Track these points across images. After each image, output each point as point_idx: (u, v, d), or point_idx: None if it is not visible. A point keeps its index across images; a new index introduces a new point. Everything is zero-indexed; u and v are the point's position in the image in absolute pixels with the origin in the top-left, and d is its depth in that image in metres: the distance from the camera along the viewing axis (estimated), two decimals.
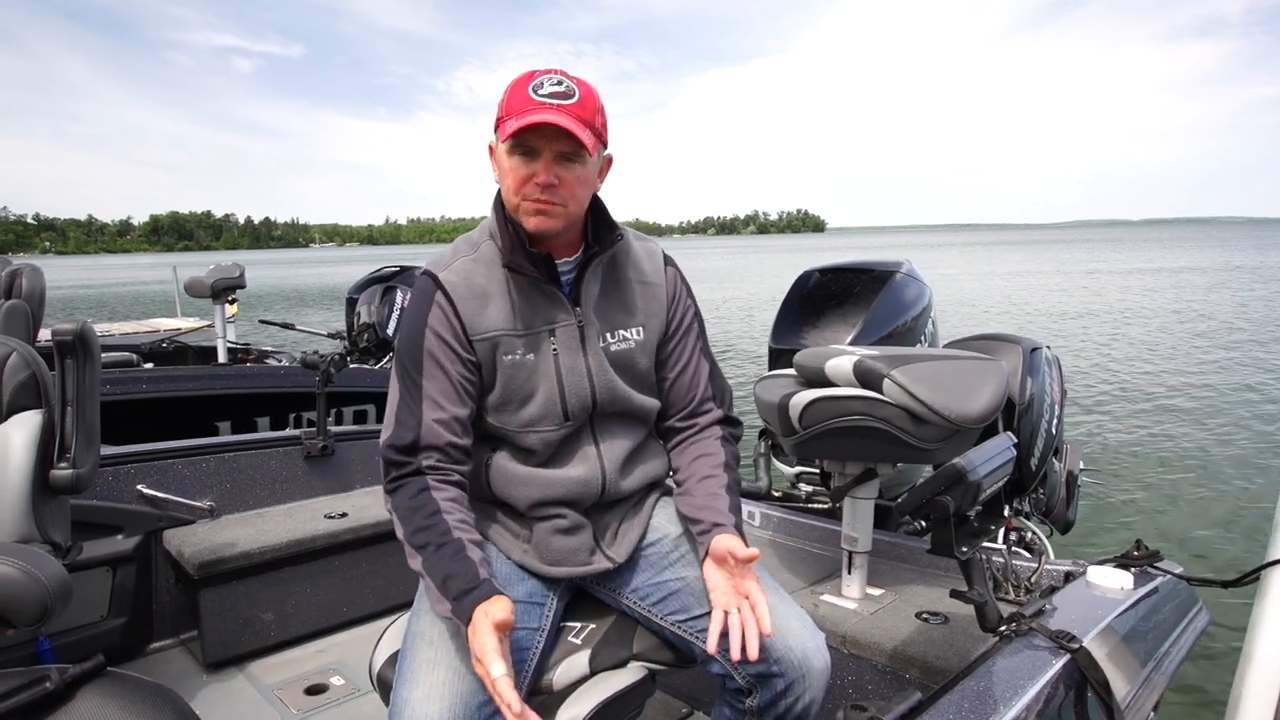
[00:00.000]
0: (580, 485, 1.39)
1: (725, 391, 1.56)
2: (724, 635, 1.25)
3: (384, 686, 1.37)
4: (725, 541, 1.30)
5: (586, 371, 1.38)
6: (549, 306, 1.37)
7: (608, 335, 1.41)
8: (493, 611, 1.12)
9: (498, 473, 1.40)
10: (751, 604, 1.24)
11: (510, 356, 1.34)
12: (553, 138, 1.25)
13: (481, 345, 1.33)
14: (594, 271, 1.39)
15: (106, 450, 2.28)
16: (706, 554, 1.34)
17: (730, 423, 1.55)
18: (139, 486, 2.40)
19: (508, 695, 1.06)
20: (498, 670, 1.08)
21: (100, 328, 7.71)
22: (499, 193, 1.37)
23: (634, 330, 1.43)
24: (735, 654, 1.23)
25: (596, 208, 1.39)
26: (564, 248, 1.38)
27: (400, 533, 1.29)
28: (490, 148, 1.35)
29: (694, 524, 1.39)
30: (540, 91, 1.24)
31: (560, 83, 1.26)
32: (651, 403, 1.48)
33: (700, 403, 1.52)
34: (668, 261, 1.50)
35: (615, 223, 1.41)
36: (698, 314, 1.54)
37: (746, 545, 1.28)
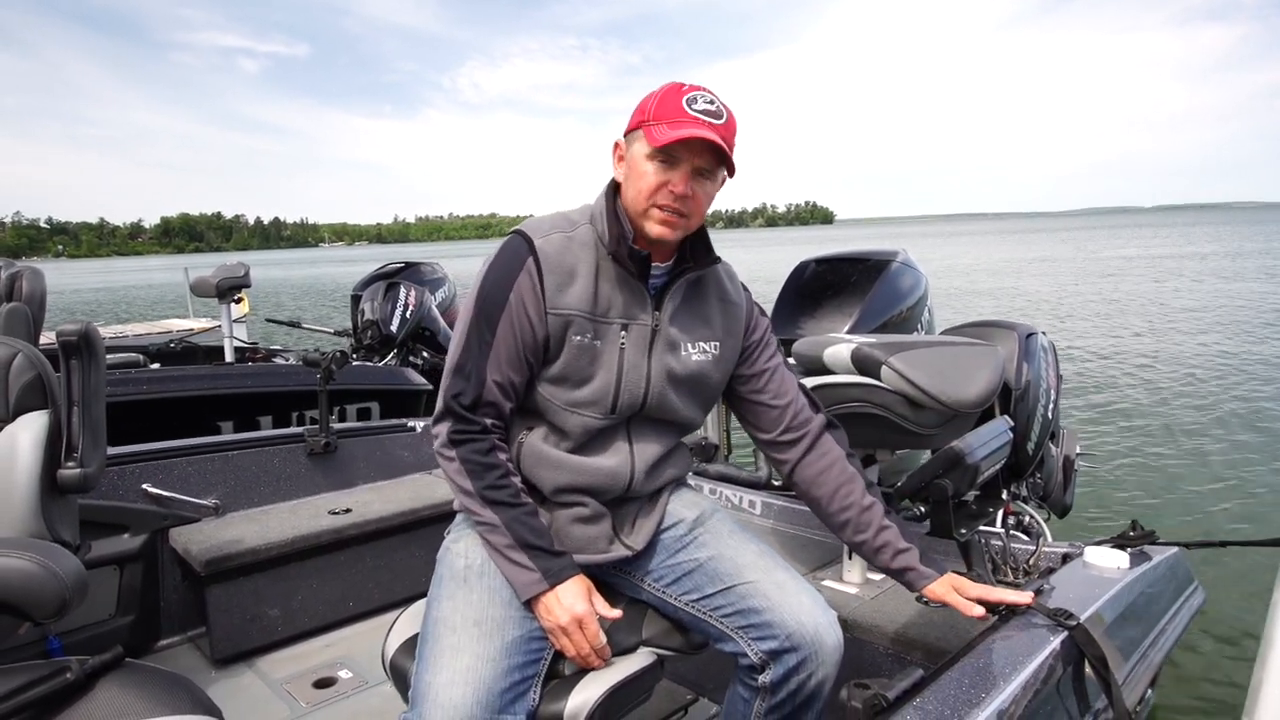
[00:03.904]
0: (609, 477, 1.40)
1: (813, 398, 1.58)
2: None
3: (398, 673, 1.38)
4: (940, 590, 1.44)
5: (646, 374, 1.39)
6: (631, 302, 1.38)
7: (688, 345, 1.43)
8: (586, 586, 1.33)
9: (529, 453, 1.40)
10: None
11: (580, 338, 1.35)
12: (698, 152, 1.29)
13: (555, 320, 1.33)
14: (680, 284, 1.42)
15: (111, 450, 2.30)
16: (922, 595, 1.48)
17: (835, 426, 1.56)
18: (144, 485, 2.42)
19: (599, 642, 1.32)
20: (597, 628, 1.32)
21: (114, 329, 7.75)
22: (612, 184, 1.40)
23: (712, 345, 1.46)
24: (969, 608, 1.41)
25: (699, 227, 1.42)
26: (660, 254, 1.41)
27: (469, 484, 1.33)
28: (618, 145, 1.38)
29: (887, 559, 1.49)
30: (694, 106, 1.28)
31: (712, 101, 1.30)
32: (695, 416, 1.50)
33: (800, 410, 1.53)
34: (744, 286, 1.56)
35: (712, 245, 1.44)
36: (770, 328, 1.57)
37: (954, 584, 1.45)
